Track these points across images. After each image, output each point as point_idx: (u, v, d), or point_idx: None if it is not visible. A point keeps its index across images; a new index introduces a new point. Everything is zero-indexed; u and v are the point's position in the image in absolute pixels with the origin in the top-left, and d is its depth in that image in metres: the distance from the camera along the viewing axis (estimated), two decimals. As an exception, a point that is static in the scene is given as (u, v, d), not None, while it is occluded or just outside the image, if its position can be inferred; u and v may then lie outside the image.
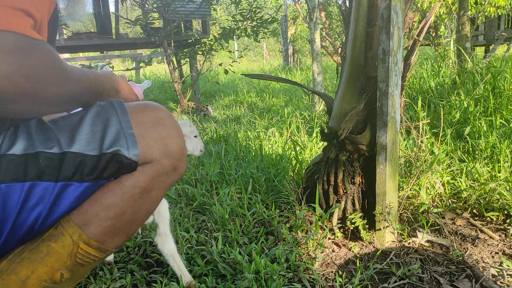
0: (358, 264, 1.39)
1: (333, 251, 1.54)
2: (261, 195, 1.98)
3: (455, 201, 1.90)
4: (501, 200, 1.80)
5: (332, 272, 1.40)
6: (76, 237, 0.85)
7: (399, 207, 1.67)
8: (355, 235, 1.61)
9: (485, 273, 1.33)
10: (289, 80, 1.91)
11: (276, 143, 2.95)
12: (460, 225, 1.72)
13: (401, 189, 1.81)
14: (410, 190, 1.83)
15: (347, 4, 1.72)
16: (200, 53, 5.79)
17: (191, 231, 1.60)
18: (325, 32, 6.20)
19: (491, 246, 1.54)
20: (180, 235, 1.57)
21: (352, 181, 1.62)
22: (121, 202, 0.89)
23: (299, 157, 2.34)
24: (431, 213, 1.74)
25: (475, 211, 1.83)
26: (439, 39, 6.39)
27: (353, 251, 1.53)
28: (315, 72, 4.54)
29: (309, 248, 1.48)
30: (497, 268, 1.38)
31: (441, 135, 2.25)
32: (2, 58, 0.64)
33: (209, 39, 5.88)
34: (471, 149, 2.39)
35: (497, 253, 1.49)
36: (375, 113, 1.51)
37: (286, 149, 2.64)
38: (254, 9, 5.35)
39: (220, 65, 5.78)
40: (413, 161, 1.96)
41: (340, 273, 1.38)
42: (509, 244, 1.55)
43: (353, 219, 1.57)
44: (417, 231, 1.62)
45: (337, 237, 1.61)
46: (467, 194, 1.89)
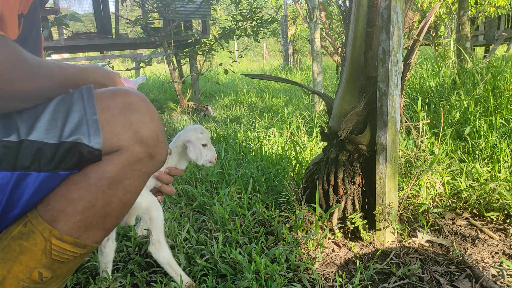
0: (358, 264, 1.39)
1: (333, 251, 1.54)
2: (261, 195, 1.98)
3: (455, 201, 1.90)
4: (501, 200, 1.80)
5: (332, 272, 1.40)
6: (47, 234, 0.83)
7: (399, 207, 1.67)
8: (355, 235, 1.61)
9: (485, 273, 1.33)
10: (289, 80, 1.91)
11: (276, 143, 2.96)
12: (460, 225, 1.72)
13: (401, 189, 1.81)
14: (410, 190, 1.83)
15: (347, 4, 1.72)
16: (200, 53, 5.79)
17: (191, 231, 1.60)
18: (325, 32, 6.20)
19: (491, 246, 1.54)
20: (180, 235, 1.57)
21: (352, 181, 1.62)
22: (88, 194, 0.85)
23: (299, 157, 2.34)
24: (431, 213, 1.74)
25: (475, 211, 1.83)
26: (439, 39, 6.39)
27: (353, 251, 1.53)
28: (315, 72, 4.55)
29: (309, 248, 1.48)
30: (497, 268, 1.38)
31: (441, 135, 2.25)
32: None
33: (209, 39, 5.89)
34: (471, 149, 2.39)
35: (497, 253, 1.49)
36: (375, 113, 1.51)
37: (286, 149, 2.64)
38: (254, 9, 5.35)
39: (220, 65, 5.79)
40: (413, 161, 1.96)
41: (340, 273, 1.38)
42: (509, 244, 1.55)
43: (353, 219, 1.57)
44: (417, 231, 1.62)
45: (337, 237, 1.61)
46: (467, 194, 1.89)
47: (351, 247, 1.54)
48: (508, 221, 1.71)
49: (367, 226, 1.59)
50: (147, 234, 1.59)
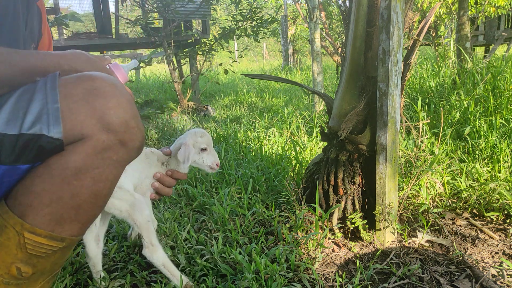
0: (358, 264, 1.39)
1: (333, 251, 1.54)
2: (261, 195, 1.98)
3: (455, 201, 1.90)
4: (501, 200, 1.80)
5: (332, 272, 1.40)
6: (18, 228, 0.81)
7: (399, 207, 1.67)
8: (355, 235, 1.61)
9: (485, 273, 1.33)
10: (289, 80, 1.91)
11: (276, 143, 2.96)
12: (460, 225, 1.72)
13: (401, 189, 1.81)
14: (410, 190, 1.83)
15: (347, 4, 1.72)
16: (200, 53, 5.79)
17: (191, 231, 1.60)
18: (325, 32, 6.20)
19: (491, 246, 1.54)
20: (180, 235, 1.57)
21: (352, 181, 1.62)
22: (52, 187, 0.82)
23: (299, 157, 2.34)
24: (431, 213, 1.74)
25: (475, 211, 1.83)
26: (439, 39, 6.39)
27: (353, 251, 1.53)
28: (315, 72, 4.55)
29: (309, 248, 1.48)
30: (497, 268, 1.38)
31: (441, 135, 2.25)
32: None
33: (209, 39, 5.89)
34: (471, 149, 2.39)
35: (497, 253, 1.49)
36: (375, 113, 1.51)
37: (286, 149, 2.64)
38: (254, 9, 5.35)
39: (220, 65, 5.79)
40: (413, 161, 1.96)
41: (340, 273, 1.38)
42: (509, 244, 1.55)
43: (353, 219, 1.57)
44: (417, 231, 1.62)
45: (337, 237, 1.61)
46: (467, 194, 1.89)
47: (351, 247, 1.54)
48: (508, 221, 1.71)
49: (367, 226, 1.59)
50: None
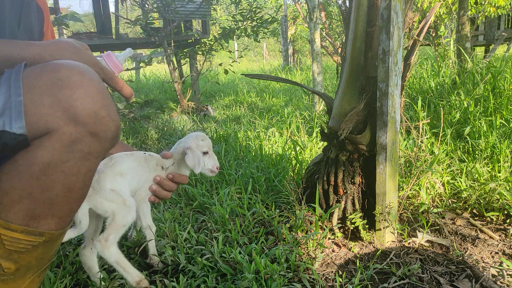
0: (358, 264, 1.39)
1: (333, 251, 1.54)
2: (261, 195, 1.98)
3: (455, 201, 1.90)
4: (501, 200, 1.80)
5: (332, 272, 1.40)
6: None
7: (399, 207, 1.67)
8: (355, 235, 1.61)
9: (485, 273, 1.33)
10: (289, 80, 1.91)
11: (276, 143, 2.96)
12: (460, 225, 1.72)
13: (401, 189, 1.81)
14: (410, 190, 1.83)
15: (347, 4, 1.72)
16: (200, 53, 5.79)
17: (191, 231, 1.60)
18: (325, 32, 6.20)
19: (491, 246, 1.54)
20: (180, 235, 1.57)
21: (352, 181, 1.62)
22: (20, 183, 0.79)
23: (299, 157, 2.34)
24: (431, 213, 1.74)
25: (475, 211, 1.83)
26: (439, 39, 6.39)
27: (353, 251, 1.53)
28: (315, 72, 4.55)
29: (309, 248, 1.48)
30: (497, 268, 1.38)
31: (441, 135, 2.25)
32: None
33: (209, 39, 5.89)
34: (471, 149, 2.39)
35: (497, 253, 1.49)
36: (375, 113, 1.51)
37: (286, 149, 2.64)
38: (254, 9, 5.35)
39: (220, 65, 5.79)
40: (413, 161, 1.96)
41: (340, 273, 1.38)
42: (509, 244, 1.55)
43: (353, 219, 1.57)
44: (417, 231, 1.62)
45: (337, 237, 1.61)
46: (467, 194, 1.89)
47: (351, 247, 1.54)
48: (508, 221, 1.71)
49: (367, 226, 1.59)
50: (141, 236, 1.60)
